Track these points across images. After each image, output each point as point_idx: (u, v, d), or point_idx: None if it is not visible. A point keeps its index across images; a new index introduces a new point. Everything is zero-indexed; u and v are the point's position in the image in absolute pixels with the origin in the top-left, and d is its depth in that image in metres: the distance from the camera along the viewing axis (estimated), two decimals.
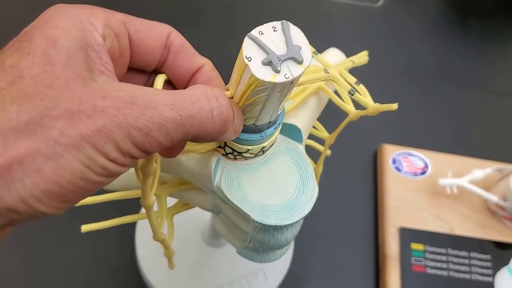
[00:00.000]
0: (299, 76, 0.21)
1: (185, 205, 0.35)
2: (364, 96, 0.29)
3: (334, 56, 0.35)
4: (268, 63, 0.20)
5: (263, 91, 0.21)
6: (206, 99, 0.20)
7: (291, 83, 0.21)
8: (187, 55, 0.24)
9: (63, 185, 0.17)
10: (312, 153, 0.39)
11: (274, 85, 0.21)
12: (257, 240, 0.27)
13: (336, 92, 0.31)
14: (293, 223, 0.25)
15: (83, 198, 0.19)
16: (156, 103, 0.19)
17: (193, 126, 0.20)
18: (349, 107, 0.30)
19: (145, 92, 0.19)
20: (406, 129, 0.62)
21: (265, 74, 0.20)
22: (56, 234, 0.49)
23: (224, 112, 0.21)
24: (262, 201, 0.26)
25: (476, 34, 0.75)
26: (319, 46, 0.72)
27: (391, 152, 0.58)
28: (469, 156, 0.59)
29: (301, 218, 0.26)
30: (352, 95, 0.29)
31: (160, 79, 0.23)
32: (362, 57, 0.33)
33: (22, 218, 0.18)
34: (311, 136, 0.36)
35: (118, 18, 0.22)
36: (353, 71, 0.35)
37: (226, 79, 0.24)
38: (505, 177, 0.54)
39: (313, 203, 0.26)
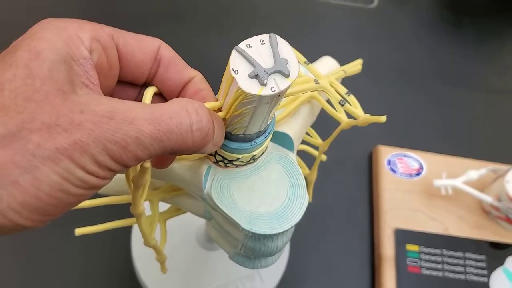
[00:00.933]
0: (286, 89, 0.21)
1: (178, 210, 0.35)
2: (355, 106, 0.29)
3: (327, 64, 0.35)
4: (254, 76, 0.21)
5: (250, 103, 0.21)
6: (185, 113, 0.20)
7: (278, 96, 0.21)
8: (177, 68, 0.24)
9: (42, 198, 0.18)
10: (307, 158, 0.39)
11: (261, 98, 0.21)
12: (248, 247, 0.27)
13: (328, 101, 0.31)
14: (283, 232, 0.26)
15: (64, 212, 0.19)
16: (134, 118, 0.19)
17: (172, 140, 0.20)
18: (341, 115, 0.30)
19: (124, 106, 0.19)
20: (401, 130, 0.62)
21: (252, 87, 0.20)
22: (51, 235, 0.49)
23: (204, 127, 0.21)
24: (252, 209, 0.26)
25: (470, 33, 0.75)
26: (314, 47, 0.72)
27: (386, 154, 0.59)
28: (463, 156, 0.60)
29: (292, 227, 0.26)
30: (342, 105, 0.29)
31: (149, 92, 0.24)
32: (355, 66, 0.34)
33: (2, 232, 0.18)
34: (306, 142, 0.36)
35: (106, 32, 0.22)
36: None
37: (218, 79, 0.24)
38: (499, 178, 0.54)
39: (303, 211, 0.26)
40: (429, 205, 0.56)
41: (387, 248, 0.52)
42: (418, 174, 0.58)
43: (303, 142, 0.36)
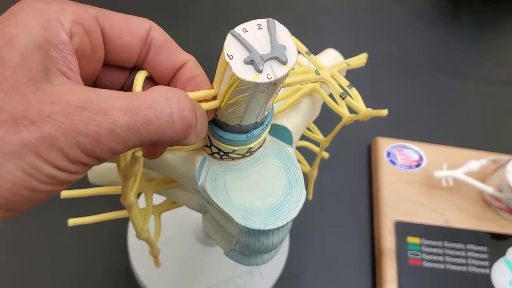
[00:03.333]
0: (283, 77, 0.20)
1: (173, 203, 0.34)
2: (356, 100, 0.28)
3: (331, 57, 0.34)
4: (250, 62, 0.20)
5: (245, 91, 0.20)
6: (166, 101, 0.19)
7: (275, 84, 0.20)
8: (169, 52, 0.23)
9: (4, 195, 0.17)
10: (308, 155, 0.38)
11: (256, 85, 0.20)
12: (242, 243, 0.27)
13: (331, 95, 0.30)
14: (279, 228, 0.25)
15: (31, 206, 0.18)
16: (109, 108, 0.17)
17: (150, 131, 0.18)
18: (342, 110, 0.29)
19: (100, 96, 0.18)
20: (400, 121, 0.62)
21: (247, 74, 0.20)
22: (47, 229, 0.49)
23: (186, 116, 0.19)
24: (247, 204, 0.25)
25: (468, 23, 0.74)
26: (311, 37, 0.71)
27: (385, 145, 0.58)
28: (464, 147, 0.59)
29: (288, 223, 0.25)
30: (343, 98, 0.28)
31: (140, 77, 0.22)
32: (359, 60, 0.32)
33: None
34: (307, 138, 0.35)
35: (90, 14, 0.21)
36: None
37: (213, 73, 0.23)
38: (500, 168, 0.53)
39: (300, 208, 0.25)
40: (430, 196, 0.55)
41: (388, 241, 0.52)
42: (418, 165, 0.57)
43: (304, 138, 0.35)
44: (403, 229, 0.52)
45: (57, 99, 0.17)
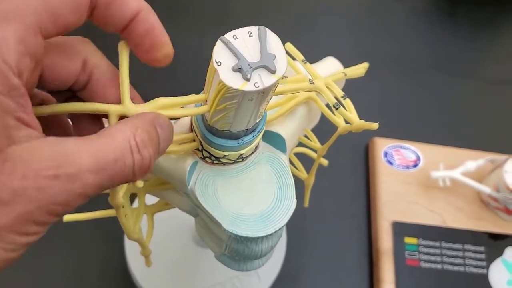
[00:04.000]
0: (272, 86, 0.20)
1: (166, 205, 0.34)
2: (350, 111, 0.28)
3: (331, 65, 0.33)
4: (238, 69, 0.20)
5: (233, 98, 0.20)
6: (129, 153, 0.19)
7: (263, 93, 0.20)
8: (117, 3, 0.20)
9: None
10: (306, 162, 0.38)
11: (243, 93, 0.20)
12: (231, 249, 0.27)
13: (328, 104, 0.30)
14: (267, 235, 0.25)
15: None
16: (79, 170, 0.17)
17: (114, 182, 0.19)
18: (338, 120, 0.29)
19: (67, 153, 0.17)
20: (397, 121, 0.62)
21: (234, 81, 0.20)
22: None
23: (145, 165, 0.20)
24: (236, 210, 0.25)
25: (466, 22, 0.74)
26: (310, 37, 0.71)
27: (382, 145, 0.58)
28: (461, 147, 0.59)
29: (277, 231, 0.25)
30: (337, 109, 0.28)
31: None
32: (357, 70, 0.32)
33: None
34: (305, 146, 0.35)
35: (33, 30, 0.18)
36: (342, 61, 0.34)
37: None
38: (497, 168, 0.53)
39: (290, 216, 0.25)
40: (427, 197, 0.55)
41: (385, 241, 0.52)
42: (415, 165, 0.57)
43: (302, 145, 0.35)
44: (401, 229, 0.52)
45: (27, 170, 0.17)
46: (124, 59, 0.22)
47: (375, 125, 0.26)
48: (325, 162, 0.38)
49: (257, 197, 0.26)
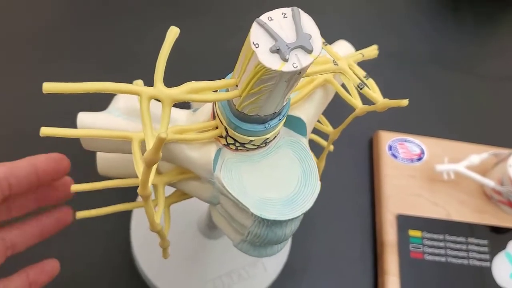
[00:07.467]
0: (308, 66, 0.20)
1: (182, 195, 0.34)
2: (373, 90, 0.28)
3: (343, 48, 0.34)
4: (276, 50, 0.19)
5: (270, 80, 0.20)
6: None
7: (299, 73, 0.20)
8: None
9: None
10: (313, 147, 0.38)
11: (281, 74, 0.20)
12: (255, 234, 0.26)
13: (343, 86, 0.30)
14: (292, 219, 0.25)
15: None
16: None
17: None
18: (356, 101, 0.29)
19: None
20: (401, 115, 0.62)
21: (273, 62, 0.19)
22: None
23: None
24: (262, 195, 0.25)
25: (469, 17, 0.74)
26: None
27: (387, 139, 0.58)
28: (465, 141, 0.59)
29: (302, 214, 0.25)
30: (361, 89, 0.28)
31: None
32: (372, 51, 0.32)
33: None
34: (314, 130, 0.35)
35: None
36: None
37: (228, 72, 0.23)
38: (501, 162, 0.53)
39: (315, 198, 0.25)
40: (431, 190, 0.55)
41: (389, 234, 0.52)
42: (419, 159, 0.57)
43: (312, 130, 0.35)
44: (405, 222, 0.52)
45: None
46: (168, 42, 0.21)
47: (404, 102, 0.25)
48: (331, 147, 0.38)
49: (282, 181, 0.26)
